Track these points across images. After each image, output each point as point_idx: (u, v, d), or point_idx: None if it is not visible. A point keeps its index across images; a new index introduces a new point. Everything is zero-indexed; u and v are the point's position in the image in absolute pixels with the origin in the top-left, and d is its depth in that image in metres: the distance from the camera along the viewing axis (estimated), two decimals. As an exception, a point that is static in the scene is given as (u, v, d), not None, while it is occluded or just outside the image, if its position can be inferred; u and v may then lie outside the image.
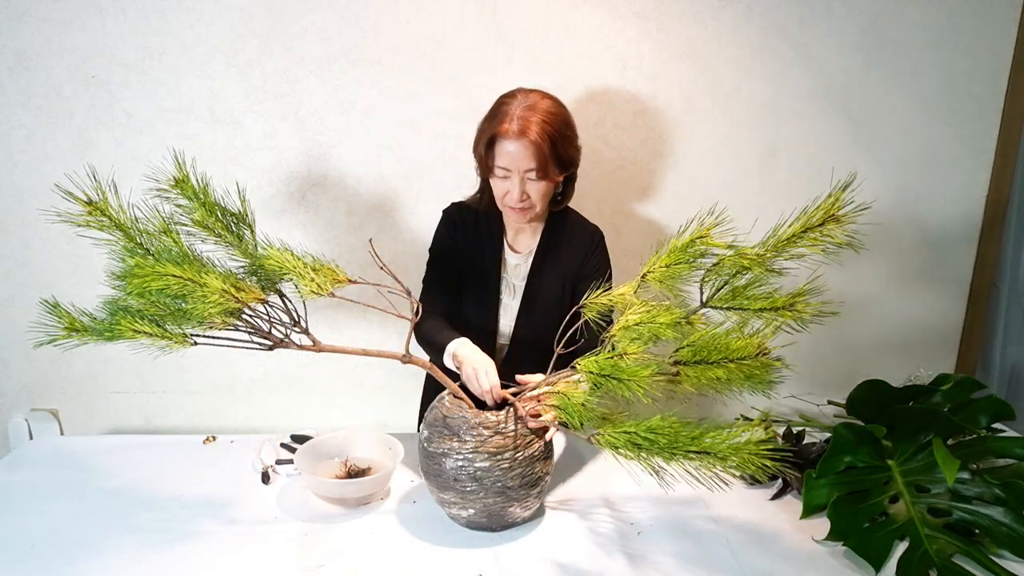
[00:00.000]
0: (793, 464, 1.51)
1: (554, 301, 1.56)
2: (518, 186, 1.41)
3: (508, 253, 1.59)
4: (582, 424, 1.15)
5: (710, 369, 1.16)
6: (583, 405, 1.15)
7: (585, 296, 1.26)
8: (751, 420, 1.79)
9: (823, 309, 1.15)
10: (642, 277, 1.23)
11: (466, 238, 1.58)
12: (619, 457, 1.14)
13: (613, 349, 1.19)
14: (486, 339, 1.59)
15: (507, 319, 1.60)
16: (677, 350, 1.21)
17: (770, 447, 1.08)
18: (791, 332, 1.17)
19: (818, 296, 1.16)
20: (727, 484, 1.11)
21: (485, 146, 1.41)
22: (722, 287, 1.19)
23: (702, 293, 1.22)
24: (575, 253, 1.57)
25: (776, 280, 1.18)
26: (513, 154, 1.38)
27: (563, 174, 1.47)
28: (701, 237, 1.16)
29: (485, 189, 1.55)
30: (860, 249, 1.14)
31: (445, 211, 1.62)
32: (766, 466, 1.08)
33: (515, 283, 1.60)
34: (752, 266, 1.14)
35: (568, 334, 1.26)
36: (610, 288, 1.28)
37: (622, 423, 1.14)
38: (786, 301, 1.14)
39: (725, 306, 1.19)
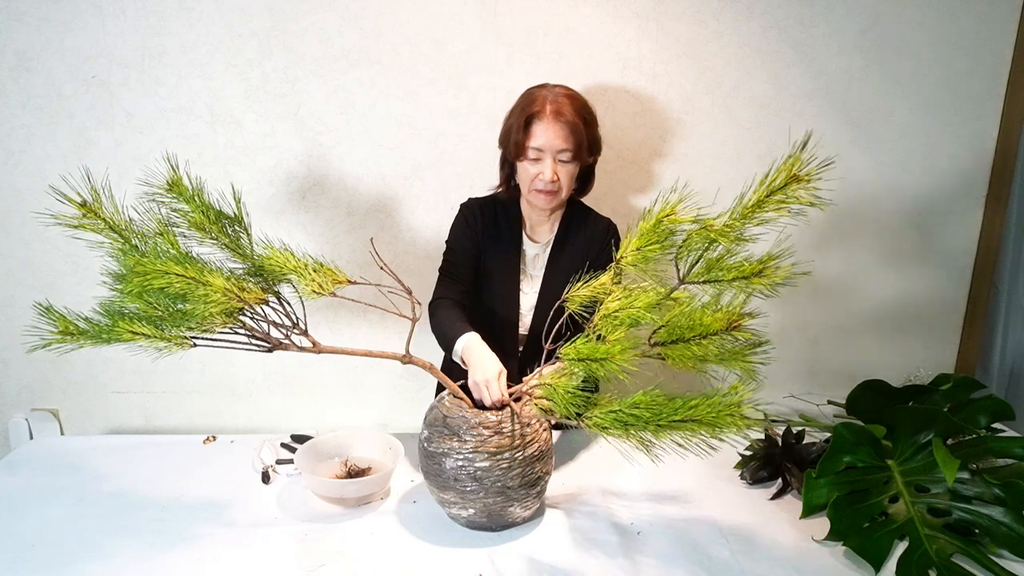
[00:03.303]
0: (792, 461, 1.52)
1: None
2: (550, 167, 1.46)
3: (527, 244, 1.62)
4: (572, 413, 1.15)
5: (687, 347, 1.16)
6: (570, 392, 1.15)
7: (567, 290, 1.27)
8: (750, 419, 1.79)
9: (795, 271, 1.14)
10: (616, 263, 1.24)
11: (485, 230, 1.61)
12: (609, 438, 1.13)
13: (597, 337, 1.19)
14: (509, 330, 1.63)
15: (527, 309, 1.63)
16: (654, 332, 1.21)
17: (751, 406, 1.08)
18: (763, 298, 1.16)
19: (789, 259, 1.15)
20: (714, 449, 1.10)
21: (522, 127, 1.46)
22: (696, 262, 1.19)
23: (678, 271, 1.22)
24: (591, 244, 1.61)
25: (750, 248, 1.17)
26: (548, 134, 1.44)
27: (590, 158, 1.54)
28: (668, 215, 1.17)
29: (508, 180, 1.59)
30: (825, 206, 1.11)
31: (463, 204, 1.65)
32: (749, 425, 1.07)
33: (533, 274, 1.63)
34: (719, 238, 1.14)
35: (555, 328, 1.26)
36: None
37: (607, 403, 1.14)
38: (754, 268, 1.14)
39: (701, 280, 1.19)
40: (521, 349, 1.65)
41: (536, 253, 1.63)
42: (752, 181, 1.15)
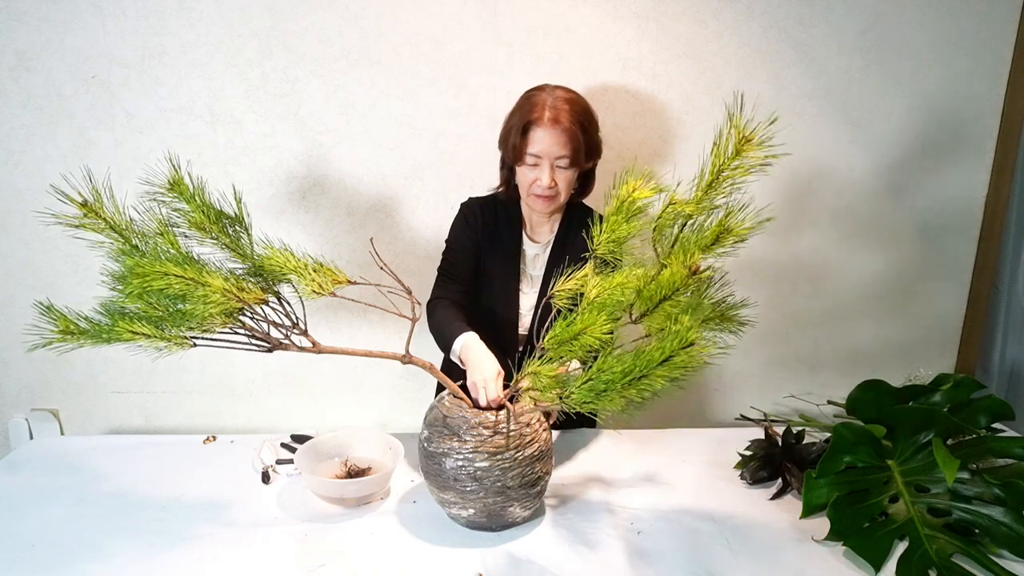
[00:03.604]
0: (792, 461, 1.52)
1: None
2: (548, 173, 1.46)
3: (527, 244, 1.62)
4: (555, 396, 1.15)
5: (662, 310, 1.16)
6: (551, 376, 1.15)
7: (552, 285, 1.28)
8: (751, 419, 1.80)
9: (756, 220, 1.13)
10: (593, 253, 1.24)
11: (485, 230, 1.61)
12: (592, 413, 1.13)
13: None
14: (508, 331, 1.62)
15: (527, 309, 1.63)
16: (631, 307, 1.21)
17: (700, 335, 1.06)
18: (736, 256, 1.16)
19: (751, 209, 1.14)
20: (681, 389, 1.09)
21: (520, 134, 1.45)
22: (674, 243, 1.20)
23: (658, 255, 1.22)
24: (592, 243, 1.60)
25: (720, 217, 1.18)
26: (546, 141, 1.44)
27: (589, 163, 1.54)
28: (631, 194, 1.17)
29: (508, 181, 1.59)
30: (779, 157, 1.10)
31: (463, 204, 1.65)
32: (700, 356, 1.07)
33: (533, 274, 1.63)
34: (688, 210, 1.14)
35: (546, 326, 1.26)
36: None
37: (577, 378, 1.14)
38: (717, 230, 1.14)
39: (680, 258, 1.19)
40: (521, 349, 1.65)
41: (536, 253, 1.63)
42: (704, 151, 1.16)
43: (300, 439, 1.67)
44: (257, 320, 1.23)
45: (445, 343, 1.47)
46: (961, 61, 1.95)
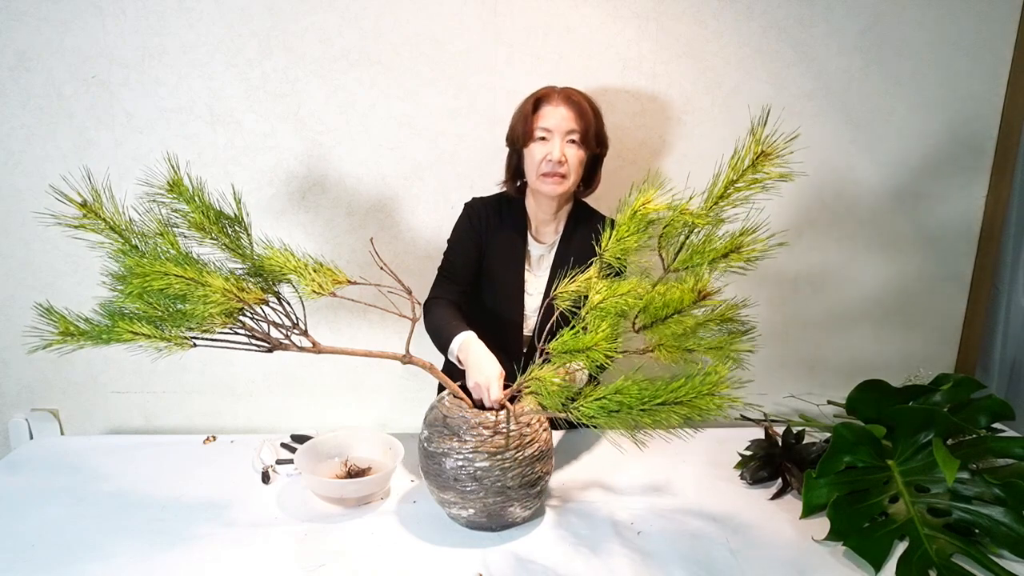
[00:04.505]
0: (792, 461, 1.52)
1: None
2: (559, 147, 1.48)
3: (532, 245, 1.62)
4: (559, 405, 1.15)
5: (666, 326, 1.17)
6: (556, 384, 1.15)
7: (554, 287, 1.28)
8: (751, 419, 1.80)
9: (769, 243, 1.14)
10: (599, 258, 1.24)
11: (490, 230, 1.60)
12: (605, 433, 1.13)
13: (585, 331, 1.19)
14: (512, 332, 1.62)
15: (531, 311, 1.63)
16: (636, 318, 1.21)
17: (728, 385, 1.07)
18: (742, 273, 1.16)
19: (764, 232, 1.15)
20: (695, 431, 1.09)
21: (531, 112, 1.49)
22: (680, 249, 1.20)
23: (663, 260, 1.22)
24: (596, 244, 1.60)
25: (729, 230, 1.17)
26: (558, 114, 1.48)
27: (598, 148, 1.56)
28: (643, 204, 1.17)
29: (514, 177, 1.60)
30: (795, 177, 1.12)
31: (467, 204, 1.64)
32: (727, 405, 1.07)
33: (538, 275, 1.62)
34: (696, 220, 1.14)
35: (548, 327, 1.27)
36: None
37: (592, 393, 1.14)
38: (729, 245, 1.14)
39: (685, 267, 1.20)
40: (525, 351, 1.65)
41: (541, 254, 1.63)
42: (721, 160, 1.15)
43: (300, 439, 1.67)
44: (257, 320, 1.23)
45: (443, 342, 1.47)
46: (961, 61, 1.95)
